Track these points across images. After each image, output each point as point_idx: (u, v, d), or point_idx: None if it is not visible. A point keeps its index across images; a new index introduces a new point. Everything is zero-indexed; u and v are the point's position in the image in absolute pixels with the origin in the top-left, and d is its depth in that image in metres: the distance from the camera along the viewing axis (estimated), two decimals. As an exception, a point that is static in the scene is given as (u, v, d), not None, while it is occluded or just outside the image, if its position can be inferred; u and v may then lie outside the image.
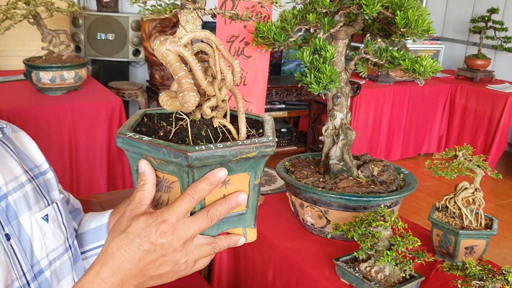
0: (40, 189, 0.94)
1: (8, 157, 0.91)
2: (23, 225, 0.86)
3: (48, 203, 0.94)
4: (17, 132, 0.99)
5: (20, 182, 0.89)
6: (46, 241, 0.90)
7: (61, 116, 2.80)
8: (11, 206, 0.85)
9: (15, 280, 0.82)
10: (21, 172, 0.91)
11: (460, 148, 1.43)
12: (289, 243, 1.56)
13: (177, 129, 0.74)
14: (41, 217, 0.90)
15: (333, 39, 1.58)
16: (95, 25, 3.81)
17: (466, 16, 5.35)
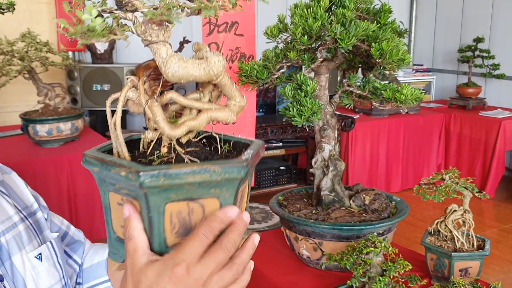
0: (33, 228, 0.96)
1: (1, 199, 0.93)
2: (16, 265, 0.87)
3: (41, 242, 0.95)
4: (8, 173, 1.01)
5: (13, 222, 0.91)
6: (40, 281, 0.90)
7: (59, 167, 2.83)
8: (4, 247, 0.86)
9: None
10: (13, 212, 0.93)
11: (447, 172, 1.46)
12: (286, 278, 1.56)
13: (150, 151, 0.70)
14: (34, 256, 0.91)
15: (315, 74, 1.63)
16: (91, 77, 3.91)
17: (453, 47, 5.47)
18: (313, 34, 1.44)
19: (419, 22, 5.96)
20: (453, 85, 5.47)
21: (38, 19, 3.98)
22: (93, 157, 0.67)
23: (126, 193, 0.65)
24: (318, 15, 1.42)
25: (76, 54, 4.21)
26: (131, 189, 0.63)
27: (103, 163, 0.64)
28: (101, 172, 0.65)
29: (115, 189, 0.66)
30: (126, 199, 0.66)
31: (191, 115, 0.72)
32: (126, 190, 0.65)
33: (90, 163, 0.67)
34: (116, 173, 0.62)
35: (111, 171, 0.63)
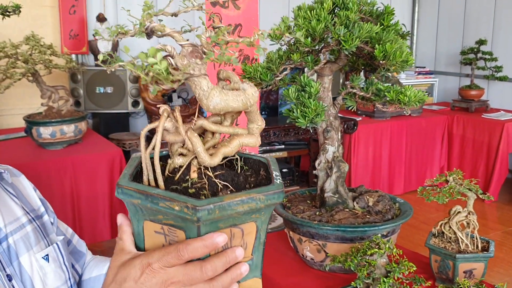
0: (40, 230, 0.98)
1: (8, 199, 0.95)
2: (24, 266, 0.89)
3: (48, 244, 0.97)
4: (18, 176, 1.05)
5: (21, 223, 0.93)
6: (47, 281, 0.92)
7: (62, 169, 2.84)
8: (12, 247, 0.88)
9: None
10: (21, 214, 0.95)
11: (451, 173, 1.46)
12: (290, 280, 1.56)
13: (179, 176, 0.71)
14: (41, 257, 0.93)
15: (319, 76, 1.64)
16: (94, 80, 3.92)
17: (456, 49, 5.47)
18: (317, 36, 1.44)
19: (421, 25, 5.97)
20: (456, 87, 5.46)
21: (42, 22, 4.00)
22: (134, 189, 0.66)
23: (171, 224, 0.66)
24: (321, 17, 1.43)
25: (80, 57, 4.22)
26: (180, 221, 0.64)
27: (148, 196, 0.64)
28: (143, 204, 0.65)
29: (155, 219, 0.67)
30: (168, 229, 0.67)
31: (214, 138, 0.74)
32: (171, 221, 0.66)
33: (130, 195, 0.66)
34: (166, 206, 0.62)
35: (159, 204, 0.63)
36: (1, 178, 0.97)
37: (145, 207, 0.65)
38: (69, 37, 4.02)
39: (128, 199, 0.66)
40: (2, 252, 0.87)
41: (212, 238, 0.63)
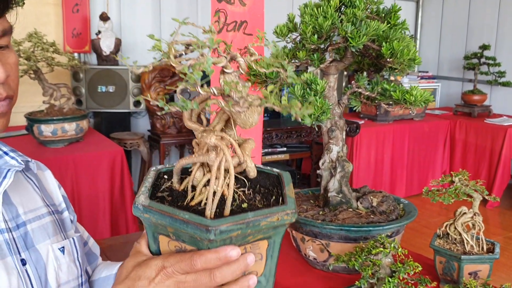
0: (59, 224, 0.99)
1: (31, 189, 0.96)
2: (40, 253, 0.90)
3: (65, 238, 0.98)
4: (43, 170, 1.06)
5: (40, 213, 0.94)
6: (60, 273, 0.92)
7: (63, 167, 2.83)
8: (29, 234, 0.89)
9: None
10: (42, 205, 0.96)
11: (456, 174, 1.44)
12: (292, 280, 1.54)
13: (193, 194, 0.72)
14: (57, 248, 0.94)
15: (324, 75, 1.62)
16: (96, 78, 3.91)
17: (459, 54, 5.46)
18: (323, 33, 1.43)
19: (425, 29, 5.96)
20: (458, 92, 5.45)
21: (45, 20, 3.99)
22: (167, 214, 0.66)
23: (187, 243, 0.68)
24: (328, 14, 1.41)
25: (82, 55, 4.21)
26: (197, 241, 0.66)
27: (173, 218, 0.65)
28: (171, 225, 0.65)
29: (172, 238, 0.69)
30: (185, 246, 0.69)
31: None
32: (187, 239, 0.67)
33: (161, 216, 0.66)
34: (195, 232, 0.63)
35: (188, 228, 0.64)
36: (27, 168, 0.97)
37: (173, 229, 0.67)
38: (71, 35, 4.02)
39: (159, 220, 0.67)
40: (19, 237, 0.87)
41: (226, 252, 0.64)
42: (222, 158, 0.68)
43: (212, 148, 0.69)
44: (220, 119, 0.72)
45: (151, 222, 0.67)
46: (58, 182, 1.08)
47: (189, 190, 0.71)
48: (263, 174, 0.79)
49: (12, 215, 0.88)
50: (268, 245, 0.71)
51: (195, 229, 0.62)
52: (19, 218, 0.89)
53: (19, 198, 0.91)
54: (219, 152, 0.69)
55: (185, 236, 0.66)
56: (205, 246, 0.65)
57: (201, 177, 0.71)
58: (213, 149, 0.69)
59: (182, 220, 0.63)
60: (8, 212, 0.87)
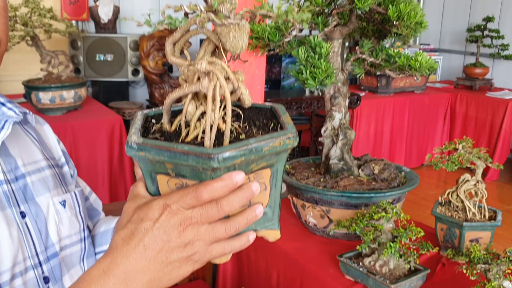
0: (59, 177, 0.97)
1: (29, 142, 0.94)
2: (40, 206, 0.88)
3: (66, 191, 0.96)
4: (42, 124, 1.02)
5: (40, 166, 0.92)
6: (61, 227, 0.91)
7: (62, 135, 2.80)
8: (29, 187, 0.87)
9: (27, 258, 0.84)
10: (41, 158, 0.94)
11: (460, 141, 1.43)
12: (292, 245, 1.54)
13: (187, 130, 0.67)
14: (58, 202, 0.91)
15: (328, 40, 1.59)
16: (94, 47, 3.85)
17: (462, 26, 5.39)
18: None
19: (427, 1, 5.87)
20: (460, 65, 5.40)
21: (42, -14, 3.91)
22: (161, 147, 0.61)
23: (189, 177, 0.64)
24: (333, -25, 1.38)
25: (80, 23, 4.15)
26: (195, 172, 0.62)
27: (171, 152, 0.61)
28: (170, 160, 0.61)
29: (172, 175, 0.64)
30: (184, 181, 0.64)
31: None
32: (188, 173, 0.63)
33: (158, 153, 0.61)
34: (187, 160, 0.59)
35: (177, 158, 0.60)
36: (25, 121, 0.96)
37: (172, 164, 0.62)
38: (69, 2, 3.94)
39: (143, 156, 0.62)
40: (17, 189, 0.85)
41: (231, 177, 0.60)
42: (216, 83, 0.64)
43: (203, 75, 0.65)
44: (206, 50, 0.67)
45: (148, 160, 0.63)
46: (57, 137, 1.05)
47: (182, 127, 0.67)
48: (255, 109, 0.75)
49: (11, 166, 0.86)
50: (271, 174, 0.67)
51: (196, 159, 0.58)
52: (18, 170, 0.87)
53: (18, 150, 0.90)
54: (212, 77, 0.64)
55: (185, 170, 0.62)
56: (208, 177, 0.61)
57: (194, 110, 0.67)
58: (205, 75, 0.65)
59: (182, 153, 0.59)
60: (7, 163, 0.85)
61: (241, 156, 0.60)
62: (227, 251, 0.65)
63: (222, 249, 0.65)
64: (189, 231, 0.62)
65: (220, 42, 0.64)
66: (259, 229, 0.70)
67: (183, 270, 0.64)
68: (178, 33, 0.67)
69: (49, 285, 0.88)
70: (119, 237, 0.63)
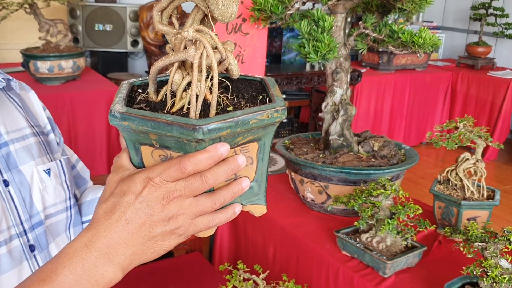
0: (44, 146, 0.95)
1: (13, 109, 0.92)
2: (24, 174, 0.87)
3: (51, 160, 0.95)
4: (27, 91, 1.00)
5: (24, 134, 0.91)
6: (46, 195, 0.90)
7: (60, 105, 2.78)
8: (12, 155, 0.86)
9: (11, 227, 0.83)
10: (25, 125, 0.92)
11: (461, 120, 1.42)
12: (289, 220, 1.55)
13: (173, 101, 0.65)
14: (43, 170, 0.90)
15: (331, 13, 1.56)
16: (93, 16, 3.80)
17: (466, 4, 5.32)
18: (333, -33, 1.36)
19: (432, -23, 5.78)
20: (463, 44, 5.35)
21: (40, -47, 3.83)
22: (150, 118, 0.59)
23: (173, 149, 0.62)
24: None
25: (79, -8, 4.08)
26: (180, 144, 0.61)
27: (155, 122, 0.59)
28: (153, 131, 0.60)
29: (156, 146, 0.63)
30: (171, 153, 0.63)
31: None
32: (172, 145, 0.62)
33: (142, 123, 0.59)
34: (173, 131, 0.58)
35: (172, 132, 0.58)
36: (9, 88, 0.94)
37: (158, 135, 0.61)
38: (68, -30, 3.87)
39: (127, 126, 0.61)
40: (0, 157, 0.85)
41: (216, 149, 0.59)
42: (202, 51, 0.62)
43: (190, 44, 0.63)
44: (194, 19, 0.65)
45: (131, 130, 0.62)
46: (42, 104, 1.03)
47: (168, 97, 0.65)
48: (245, 81, 0.73)
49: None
50: (258, 148, 0.66)
51: (181, 130, 0.57)
52: (1, 137, 0.86)
53: (1, 117, 0.88)
54: (199, 46, 0.62)
55: (170, 141, 0.61)
56: (193, 148, 0.60)
57: (180, 80, 0.65)
58: (192, 44, 0.63)
59: (166, 123, 0.58)
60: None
61: (227, 128, 0.58)
62: (212, 225, 0.64)
63: (207, 222, 0.64)
64: (172, 204, 0.61)
65: (209, 9, 0.62)
66: (245, 203, 0.69)
67: (167, 244, 0.63)
68: (166, 1, 0.65)
69: (35, 253, 0.88)
70: (102, 210, 0.62)
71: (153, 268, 1.71)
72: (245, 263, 1.71)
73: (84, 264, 0.60)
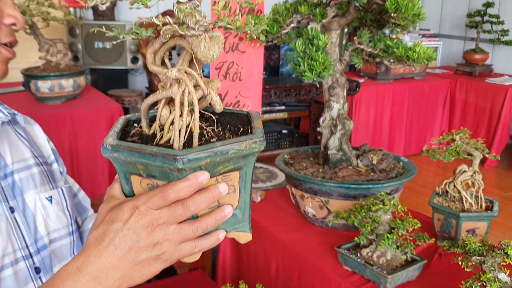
0: (47, 174, 1.02)
1: (18, 141, 0.99)
2: (27, 202, 0.93)
3: (53, 188, 1.00)
4: (32, 124, 1.08)
5: (27, 164, 0.97)
6: (49, 221, 0.96)
7: (61, 124, 2.80)
8: (17, 183, 0.93)
9: (17, 250, 0.89)
10: (29, 156, 0.99)
11: (457, 132, 1.43)
12: (291, 235, 1.56)
13: (161, 134, 0.72)
14: (45, 197, 0.97)
15: (326, 31, 1.59)
16: (92, 34, 3.83)
17: (462, 12, 5.36)
18: (326, -13, 1.38)
19: (428, -14, 5.83)
20: (460, 51, 5.38)
21: (39, -27, 3.87)
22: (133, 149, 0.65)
23: (158, 178, 0.67)
24: (331, -34, 1.37)
25: (78, 10, 4.12)
26: (163, 173, 0.66)
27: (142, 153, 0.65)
28: (140, 161, 0.65)
29: (143, 175, 0.68)
30: (156, 182, 0.68)
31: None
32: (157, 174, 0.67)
33: (134, 155, 0.65)
34: (156, 161, 0.64)
35: (162, 163, 0.64)
36: (15, 122, 1.01)
37: (145, 166, 0.67)
38: (67, -11, 3.91)
39: (117, 157, 0.66)
40: (7, 185, 0.91)
41: (196, 177, 0.64)
42: (184, 89, 0.67)
43: (174, 82, 0.69)
44: (184, 59, 0.71)
45: (121, 161, 0.67)
46: (47, 136, 1.10)
47: (157, 130, 0.71)
48: (233, 115, 0.79)
49: (0, 165, 0.91)
50: (240, 177, 0.70)
51: (163, 160, 0.62)
52: (7, 167, 0.92)
53: (7, 149, 0.94)
54: (182, 84, 0.68)
55: (155, 171, 0.66)
56: (175, 177, 0.65)
57: (168, 115, 0.71)
58: (176, 82, 0.69)
59: (150, 154, 0.63)
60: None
61: (206, 158, 0.63)
62: (195, 250, 0.69)
63: (190, 248, 0.68)
64: (157, 231, 0.65)
65: (193, 51, 0.68)
66: (229, 230, 0.73)
67: (153, 268, 0.68)
68: (158, 44, 0.71)
69: (40, 275, 0.92)
70: (93, 237, 0.68)
71: (156, 286, 1.72)
72: (248, 279, 1.73)
73: (76, 286, 0.66)
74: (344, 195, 1.46)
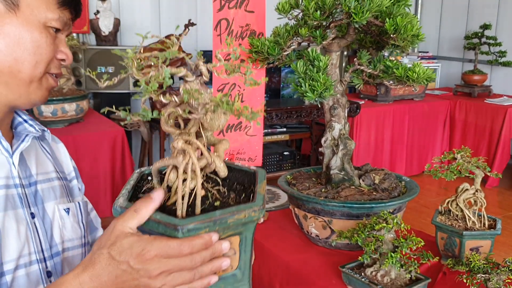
0: (66, 189, 1.10)
1: (43, 155, 1.07)
2: (47, 211, 1.01)
3: (70, 201, 1.09)
4: (57, 142, 1.17)
5: (50, 177, 1.05)
6: (64, 230, 1.03)
7: (64, 147, 2.82)
8: (39, 193, 1.01)
9: (32, 253, 0.95)
10: (52, 170, 1.07)
11: (459, 151, 1.44)
12: (294, 256, 1.56)
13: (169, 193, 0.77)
14: (63, 208, 1.04)
15: (326, 52, 1.61)
16: (95, 59, 3.88)
17: (459, 34, 5.42)
18: (326, 9, 1.42)
19: (425, 9, 5.91)
20: (459, 72, 5.43)
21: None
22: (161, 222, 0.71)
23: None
24: (331, -10, 1.40)
25: (80, 36, 4.18)
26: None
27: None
28: (145, 225, 0.71)
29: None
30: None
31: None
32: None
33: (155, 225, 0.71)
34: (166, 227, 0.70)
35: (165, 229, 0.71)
36: (43, 138, 1.09)
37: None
38: (70, 15, 3.97)
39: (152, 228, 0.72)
40: (30, 193, 0.98)
41: (210, 237, 0.71)
42: (188, 160, 0.73)
43: (180, 152, 0.74)
44: (195, 122, 0.77)
45: None
46: (70, 157, 1.19)
47: (165, 191, 0.76)
48: (241, 172, 0.84)
49: (26, 174, 0.99)
50: (240, 241, 0.75)
51: (165, 228, 0.68)
52: (32, 177, 1.00)
53: (33, 161, 1.03)
54: (186, 155, 0.74)
55: (159, 233, 0.71)
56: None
57: (175, 178, 0.76)
58: (181, 152, 0.74)
59: (154, 221, 0.69)
60: (23, 171, 0.98)
61: (205, 228, 0.68)
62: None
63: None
64: (161, 277, 0.71)
65: (200, 122, 0.75)
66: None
67: None
68: (170, 108, 0.77)
69: (51, 279, 0.98)
70: (98, 257, 0.72)
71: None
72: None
73: None
74: (347, 215, 1.46)
